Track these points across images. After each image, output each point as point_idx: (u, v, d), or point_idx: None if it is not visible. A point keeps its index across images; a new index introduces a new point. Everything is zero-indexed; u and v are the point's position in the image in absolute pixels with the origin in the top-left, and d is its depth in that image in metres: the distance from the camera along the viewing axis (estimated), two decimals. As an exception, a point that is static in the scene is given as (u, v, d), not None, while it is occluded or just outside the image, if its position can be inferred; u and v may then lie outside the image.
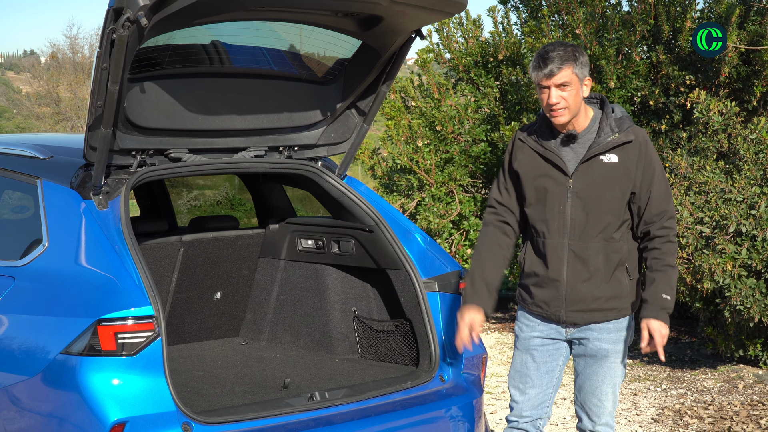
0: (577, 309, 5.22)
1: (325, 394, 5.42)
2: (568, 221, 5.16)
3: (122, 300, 4.87)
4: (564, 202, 5.16)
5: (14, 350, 5.18)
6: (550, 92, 5.03)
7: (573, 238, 5.16)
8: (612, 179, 5.11)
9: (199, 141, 5.83)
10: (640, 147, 5.13)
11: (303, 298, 6.74)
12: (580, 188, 5.13)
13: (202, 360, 6.52)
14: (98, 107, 5.06)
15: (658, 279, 5.10)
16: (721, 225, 8.52)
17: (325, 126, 6.22)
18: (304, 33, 5.79)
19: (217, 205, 17.96)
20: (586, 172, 5.13)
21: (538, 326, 5.35)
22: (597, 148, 5.10)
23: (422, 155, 11.28)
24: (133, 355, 4.83)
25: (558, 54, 5.01)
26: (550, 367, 5.39)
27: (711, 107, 9.04)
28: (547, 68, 5.01)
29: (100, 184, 5.28)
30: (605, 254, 5.16)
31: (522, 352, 5.42)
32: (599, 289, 5.18)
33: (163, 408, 4.86)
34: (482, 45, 12.04)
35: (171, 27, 5.21)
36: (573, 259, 5.18)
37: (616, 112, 5.20)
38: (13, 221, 6.27)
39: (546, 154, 5.20)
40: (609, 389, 5.31)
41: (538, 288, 5.29)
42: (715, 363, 9.81)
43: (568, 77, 5.00)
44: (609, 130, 5.11)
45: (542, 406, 5.44)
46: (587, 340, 5.26)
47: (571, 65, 5.00)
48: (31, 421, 5.07)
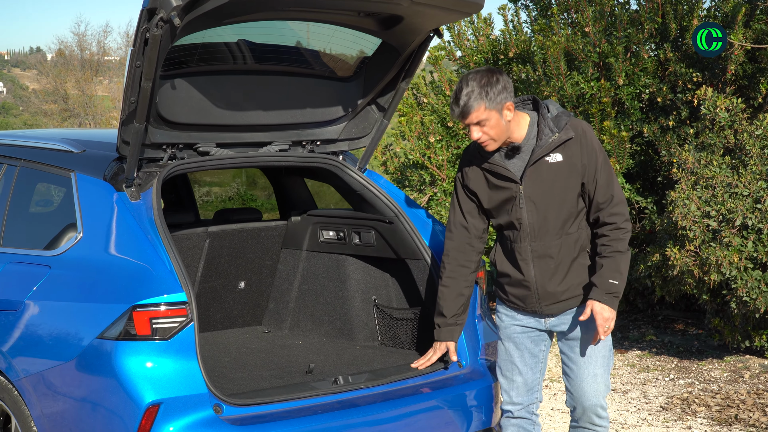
0: (551, 302, 5.45)
1: (348, 378, 5.62)
2: (527, 225, 5.36)
3: (156, 287, 5.08)
4: (518, 209, 5.35)
5: (50, 336, 5.40)
6: (471, 129, 5.22)
7: (534, 240, 5.37)
8: (560, 178, 5.29)
9: (227, 135, 6.03)
10: (581, 140, 5.29)
11: (324, 287, 6.95)
12: (531, 192, 5.31)
13: (228, 347, 6.73)
14: (131, 103, 5.25)
15: (606, 264, 5.28)
16: (728, 218, 8.70)
17: (346, 121, 6.43)
18: (327, 32, 5.98)
19: (228, 201, 18.17)
20: (534, 176, 5.30)
21: (517, 316, 5.60)
22: (540, 152, 5.27)
23: (434, 151, 11.45)
24: (167, 340, 5.04)
25: (468, 93, 5.14)
26: (533, 353, 5.62)
27: (718, 104, 9.21)
28: (459, 109, 5.18)
29: (132, 177, 5.48)
30: (566, 247, 5.37)
31: (505, 341, 5.66)
32: (566, 280, 5.39)
33: (195, 390, 5.06)
34: (493, 43, 12.20)
35: (202, 26, 5.40)
36: (537, 259, 5.38)
37: (552, 111, 5.35)
38: (47, 213, 6.49)
39: (492, 168, 5.38)
40: (596, 370, 5.49)
41: (511, 287, 5.53)
42: (721, 354, 10.01)
43: (483, 115, 5.16)
44: (548, 131, 5.28)
45: (532, 391, 5.67)
46: (565, 326, 5.49)
47: (483, 102, 5.14)
48: (67, 404, 5.27)
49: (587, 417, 5.54)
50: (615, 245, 5.30)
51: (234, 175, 19.34)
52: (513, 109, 5.25)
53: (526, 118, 5.36)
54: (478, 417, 5.89)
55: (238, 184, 19.04)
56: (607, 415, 5.57)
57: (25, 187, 6.27)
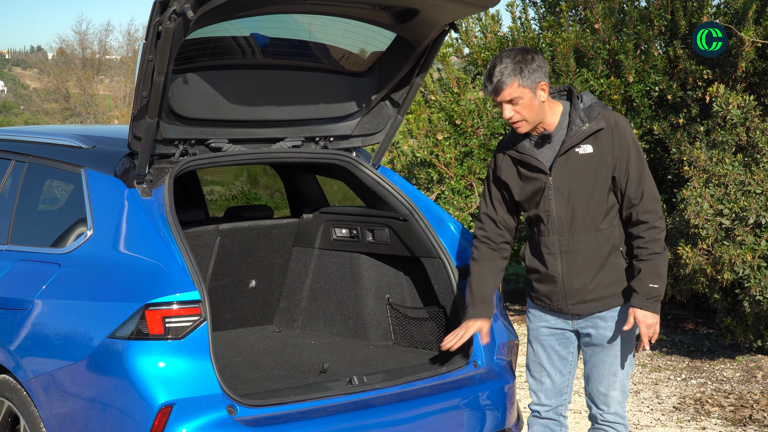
0: (577, 301, 5.30)
1: (363, 378, 5.53)
2: (555, 218, 5.23)
3: (169, 285, 4.98)
4: (548, 200, 5.22)
5: (60, 335, 5.30)
6: (503, 107, 5.08)
7: (563, 234, 5.23)
8: (590, 170, 5.15)
9: (239, 131, 5.94)
10: (612, 132, 5.13)
11: (337, 286, 6.86)
12: (560, 184, 5.18)
13: (239, 346, 6.63)
14: (143, 98, 5.16)
15: (645, 268, 5.11)
16: (741, 217, 8.61)
17: (360, 117, 6.33)
18: (341, 26, 5.89)
19: (232, 200, 18.05)
20: (564, 167, 5.17)
21: (545, 316, 5.47)
22: (570, 142, 5.13)
23: (442, 149, 11.37)
24: (180, 339, 4.94)
25: (502, 69, 5.00)
26: (561, 355, 5.49)
27: (730, 101, 9.12)
28: (492, 85, 5.03)
29: (143, 173, 5.39)
30: (596, 244, 5.21)
31: (533, 342, 5.54)
32: (595, 279, 5.24)
33: (209, 390, 4.97)
34: (501, 40, 12.11)
35: (215, 19, 5.31)
36: (565, 254, 5.25)
37: (585, 101, 5.21)
38: (56, 210, 6.39)
39: (522, 158, 5.25)
40: (617, 378, 5.37)
41: (538, 283, 5.41)
42: (733, 353, 9.92)
43: (516, 92, 5.01)
44: (579, 121, 5.14)
45: (561, 394, 5.55)
46: (592, 329, 5.34)
47: (517, 79, 4.99)
48: (77, 405, 5.18)
49: (603, 417, 5.44)
50: (651, 247, 5.13)
51: (236, 174, 19.24)
52: (547, 91, 5.11)
53: (559, 107, 5.23)
54: (494, 418, 5.80)
55: (241, 182, 18.94)
56: (625, 422, 5.45)
57: (33, 183, 6.18)
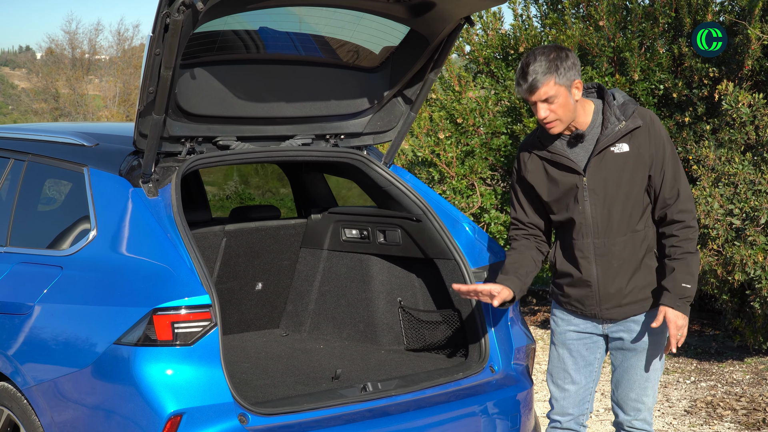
0: (612, 305, 5.10)
1: (377, 384, 5.34)
2: (590, 220, 5.02)
3: (178, 289, 4.78)
4: (582, 202, 5.02)
5: (63, 341, 5.10)
6: (537, 107, 4.88)
7: (598, 236, 5.03)
8: (626, 169, 4.96)
9: (247, 129, 5.74)
10: (649, 130, 4.96)
11: (346, 288, 6.65)
12: (595, 184, 4.99)
13: (246, 351, 6.43)
14: (150, 93, 4.97)
15: (678, 267, 4.93)
16: (752, 217, 8.45)
17: (371, 114, 6.13)
18: (353, 19, 5.70)
19: (226, 200, 17.90)
20: (599, 167, 4.98)
21: (573, 320, 5.25)
22: (606, 140, 4.94)
23: (443, 148, 11.20)
24: (190, 345, 4.75)
25: (537, 67, 4.82)
26: (588, 361, 5.28)
27: (740, 99, 8.96)
28: (527, 84, 4.83)
29: (149, 172, 5.19)
30: (632, 246, 5.02)
31: (559, 347, 5.32)
32: (631, 282, 5.04)
33: (220, 399, 4.78)
34: (502, 37, 11.94)
35: (225, 12, 5.13)
36: (601, 257, 5.05)
37: (618, 98, 5.03)
38: (57, 210, 6.18)
39: (554, 158, 5.05)
40: (648, 384, 5.19)
41: (570, 288, 5.18)
42: (741, 355, 9.75)
43: (552, 90, 4.83)
44: (615, 119, 4.95)
45: (584, 402, 5.34)
46: (625, 333, 5.14)
47: (553, 77, 4.82)
48: (81, 414, 4.98)
49: (630, 424, 5.25)
50: (685, 246, 4.95)
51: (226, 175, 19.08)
52: (581, 89, 4.93)
53: (591, 105, 5.03)
54: (512, 425, 5.61)
55: (235, 183, 18.80)
56: (651, 429, 5.27)
57: (33, 183, 5.96)
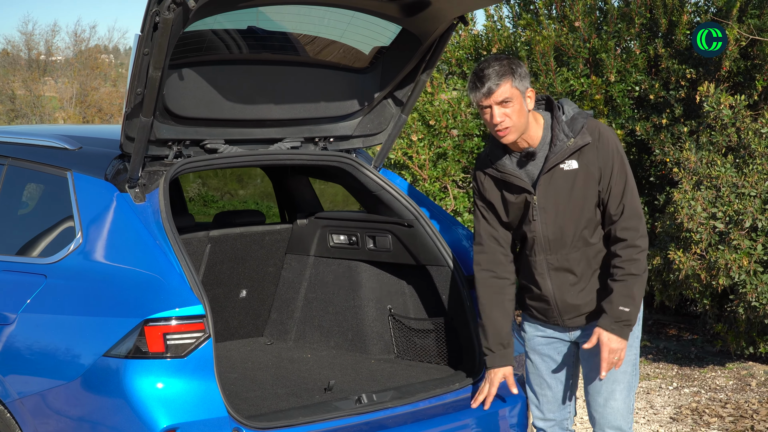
0: (573, 316, 5.02)
1: (372, 396, 5.18)
2: (541, 238, 4.93)
3: (170, 299, 4.60)
4: (533, 221, 4.92)
5: (48, 353, 4.90)
6: (492, 111, 4.74)
7: (550, 253, 4.94)
8: (577, 187, 4.86)
9: (235, 131, 5.56)
10: (598, 146, 4.84)
11: (334, 295, 6.47)
12: (545, 202, 4.89)
13: (232, 361, 6.24)
14: (138, 95, 4.78)
15: (617, 289, 4.81)
16: (735, 220, 8.35)
17: (361, 116, 5.97)
18: (344, 18, 5.53)
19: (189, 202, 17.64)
20: (549, 185, 4.87)
21: (540, 327, 5.17)
22: (554, 159, 4.83)
23: (416, 150, 11.05)
24: (183, 357, 4.57)
25: (494, 70, 4.72)
26: (561, 365, 5.17)
27: (721, 101, 8.86)
28: (484, 87, 4.71)
29: (136, 176, 5.00)
30: (587, 260, 4.94)
31: (530, 353, 5.24)
32: (589, 294, 4.96)
33: (214, 413, 4.61)
34: (475, 38, 11.82)
35: (216, 10, 4.95)
36: (554, 272, 4.96)
37: (567, 112, 4.91)
38: (39, 216, 5.96)
39: (504, 178, 4.95)
40: (616, 386, 5.03)
41: (532, 300, 5.12)
42: (722, 360, 9.66)
43: (509, 92, 4.72)
44: (563, 135, 4.85)
45: (564, 406, 5.23)
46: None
47: (510, 79, 4.72)
48: (68, 427, 4.80)
49: None
50: (628, 267, 4.81)
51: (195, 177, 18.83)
52: (534, 99, 4.85)
53: (541, 118, 4.92)
54: (508, 436, 5.46)
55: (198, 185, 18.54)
56: None
57: (13, 187, 5.75)
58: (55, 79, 39.12)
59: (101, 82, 37.28)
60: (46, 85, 38.33)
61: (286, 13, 5.47)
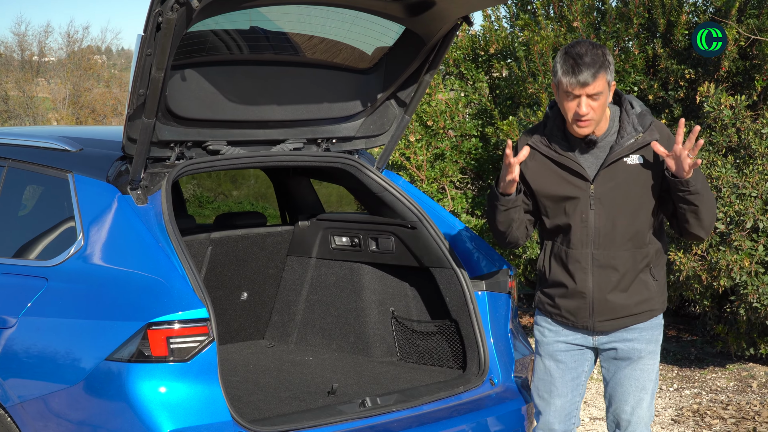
0: (606, 318, 4.84)
1: (376, 399, 5.14)
2: (592, 230, 4.75)
3: (174, 302, 4.55)
4: (586, 210, 4.75)
5: (50, 357, 4.86)
6: (580, 101, 4.57)
7: (598, 248, 4.76)
8: (638, 182, 4.71)
9: (237, 133, 5.52)
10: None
11: (336, 298, 6.43)
12: (602, 194, 4.72)
13: (233, 364, 6.19)
14: (140, 96, 4.73)
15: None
16: (737, 221, 8.32)
17: (364, 117, 5.92)
18: (347, 19, 5.49)
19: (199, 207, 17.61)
20: (609, 177, 4.71)
21: (562, 331, 4.97)
22: (620, 151, 4.69)
23: (414, 151, 11.00)
24: (186, 361, 4.52)
25: (592, 59, 4.54)
26: (575, 374, 5.02)
27: (722, 101, 8.83)
28: (582, 75, 4.52)
29: (138, 178, 4.96)
30: (633, 262, 4.77)
31: (545, 358, 5.03)
32: (627, 297, 4.80)
33: (218, 418, 4.56)
34: (472, 38, 11.77)
35: (219, 10, 4.90)
36: (598, 269, 4.78)
37: (635, 107, 4.77)
38: (40, 219, 5.90)
39: (562, 161, 4.78)
40: (644, 395, 4.91)
41: (562, 299, 4.90)
42: (723, 361, 9.62)
43: (602, 86, 4.56)
44: (632, 129, 4.69)
45: (570, 416, 5.07)
46: (618, 343, 4.89)
47: (605, 73, 4.56)
48: (70, 431, 4.74)
49: None
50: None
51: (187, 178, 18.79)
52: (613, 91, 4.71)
53: (608, 111, 4.75)
54: (513, 440, 5.42)
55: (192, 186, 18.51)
56: None
57: (14, 189, 5.69)
58: (48, 80, 39.06)
59: (94, 82, 37.18)
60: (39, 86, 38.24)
61: (288, 13, 5.42)
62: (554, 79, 4.65)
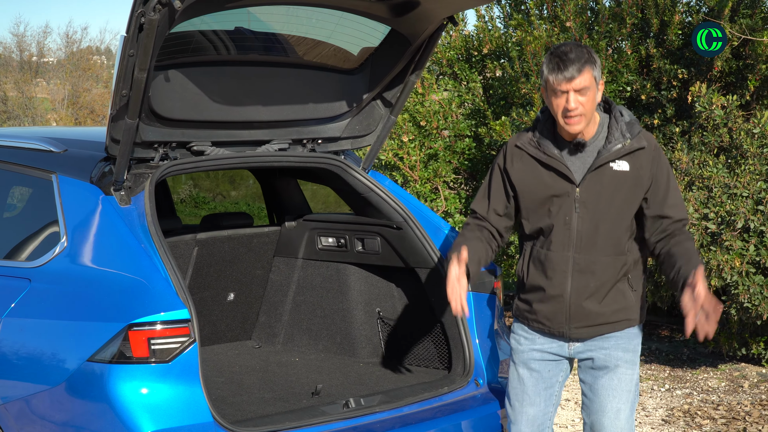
0: (582, 325, 4.81)
1: (360, 400, 5.13)
2: (574, 233, 4.75)
3: (155, 303, 4.54)
4: (570, 213, 4.75)
5: (32, 358, 4.85)
6: (568, 97, 4.61)
7: (579, 251, 4.75)
8: (623, 188, 4.72)
9: (222, 133, 5.51)
10: (653, 154, 4.74)
11: (322, 298, 6.42)
12: (587, 198, 4.72)
13: (219, 365, 6.19)
14: (123, 96, 4.73)
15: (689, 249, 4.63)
16: (728, 221, 8.31)
17: (350, 118, 5.91)
18: (332, 19, 5.48)
19: (180, 203, 17.60)
20: (595, 181, 4.72)
21: (537, 339, 4.94)
22: (607, 155, 4.71)
23: (407, 151, 10.99)
24: (167, 362, 4.52)
25: (577, 55, 4.59)
26: (549, 383, 4.98)
27: (714, 101, 8.82)
28: (567, 71, 4.58)
29: (122, 179, 4.95)
30: (613, 269, 4.75)
31: (519, 366, 4.99)
32: (604, 305, 4.77)
33: (199, 419, 4.56)
34: (466, 39, 11.77)
35: (202, 10, 4.90)
36: (578, 273, 4.76)
37: (625, 116, 4.80)
38: (23, 219, 5.90)
39: (549, 162, 4.78)
40: (622, 405, 4.84)
41: (539, 303, 4.87)
42: (715, 362, 9.61)
43: (588, 81, 4.60)
44: (620, 135, 4.72)
45: (543, 427, 5.01)
46: (594, 352, 4.86)
47: (591, 68, 4.61)
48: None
49: None
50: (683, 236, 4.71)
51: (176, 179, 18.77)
52: (602, 91, 4.73)
53: (597, 117, 4.79)
54: (498, 441, 5.41)
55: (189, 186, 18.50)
56: None
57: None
58: (47, 81, 39.04)
59: (93, 83, 37.17)
60: (38, 87, 38.22)
61: (273, 13, 5.42)
62: (542, 81, 4.70)
